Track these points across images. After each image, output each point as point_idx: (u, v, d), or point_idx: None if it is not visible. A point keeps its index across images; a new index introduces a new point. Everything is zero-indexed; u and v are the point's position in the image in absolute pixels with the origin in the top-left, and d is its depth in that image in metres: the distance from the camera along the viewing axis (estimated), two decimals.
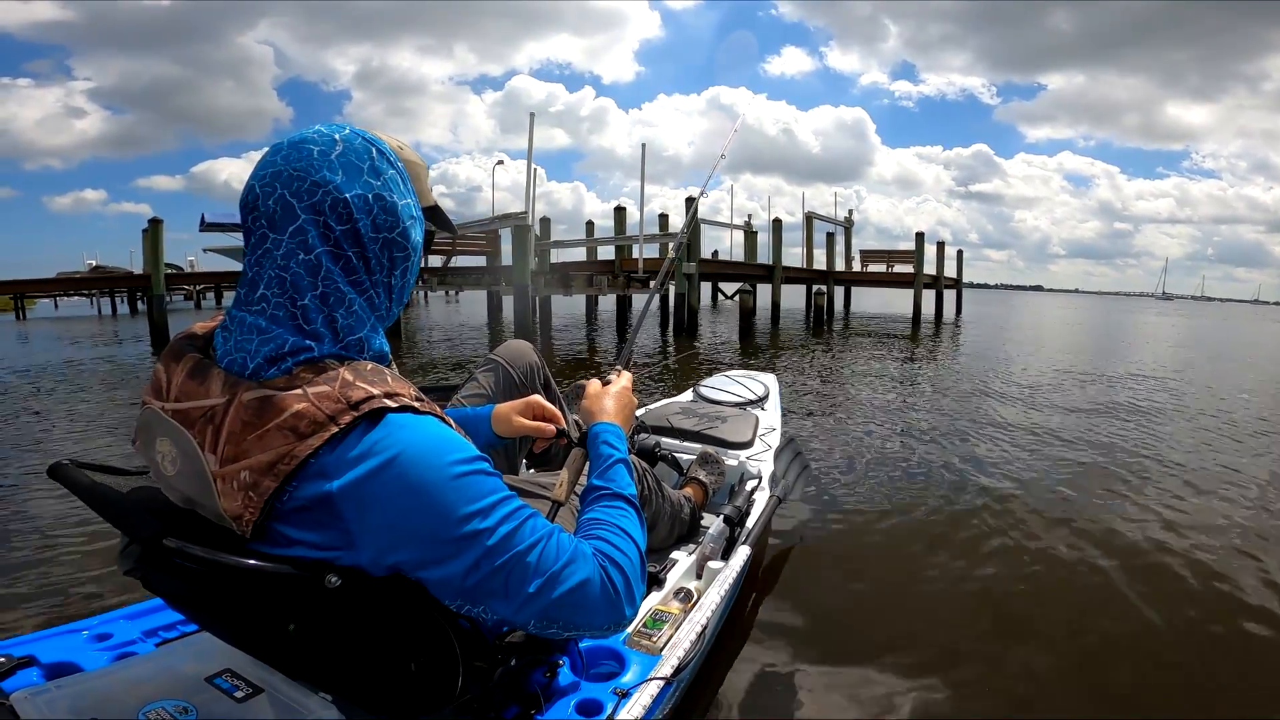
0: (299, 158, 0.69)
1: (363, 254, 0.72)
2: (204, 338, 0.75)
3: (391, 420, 0.66)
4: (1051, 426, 4.59)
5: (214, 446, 0.65)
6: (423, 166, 0.81)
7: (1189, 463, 3.76)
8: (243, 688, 0.86)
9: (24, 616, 1.85)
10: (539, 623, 0.70)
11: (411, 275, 0.78)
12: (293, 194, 0.69)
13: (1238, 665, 1.79)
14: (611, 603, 0.73)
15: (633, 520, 0.83)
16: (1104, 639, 1.89)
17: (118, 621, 1.11)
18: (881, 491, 3.09)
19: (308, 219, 0.69)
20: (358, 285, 0.72)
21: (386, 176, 0.73)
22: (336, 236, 0.70)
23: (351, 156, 0.71)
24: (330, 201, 0.69)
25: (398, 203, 0.74)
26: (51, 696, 0.82)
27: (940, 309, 17.46)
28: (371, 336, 0.73)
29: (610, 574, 0.74)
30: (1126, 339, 14.35)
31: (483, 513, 0.66)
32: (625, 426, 1.01)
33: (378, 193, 0.72)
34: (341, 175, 0.70)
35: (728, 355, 8.75)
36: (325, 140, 0.71)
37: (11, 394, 6.01)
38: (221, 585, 0.68)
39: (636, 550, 0.79)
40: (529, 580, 0.68)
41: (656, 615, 1.29)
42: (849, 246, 20.24)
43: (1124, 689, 1.68)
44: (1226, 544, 2.55)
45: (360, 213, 0.70)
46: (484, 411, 1.17)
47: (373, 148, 0.73)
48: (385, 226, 0.73)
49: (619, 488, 0.87)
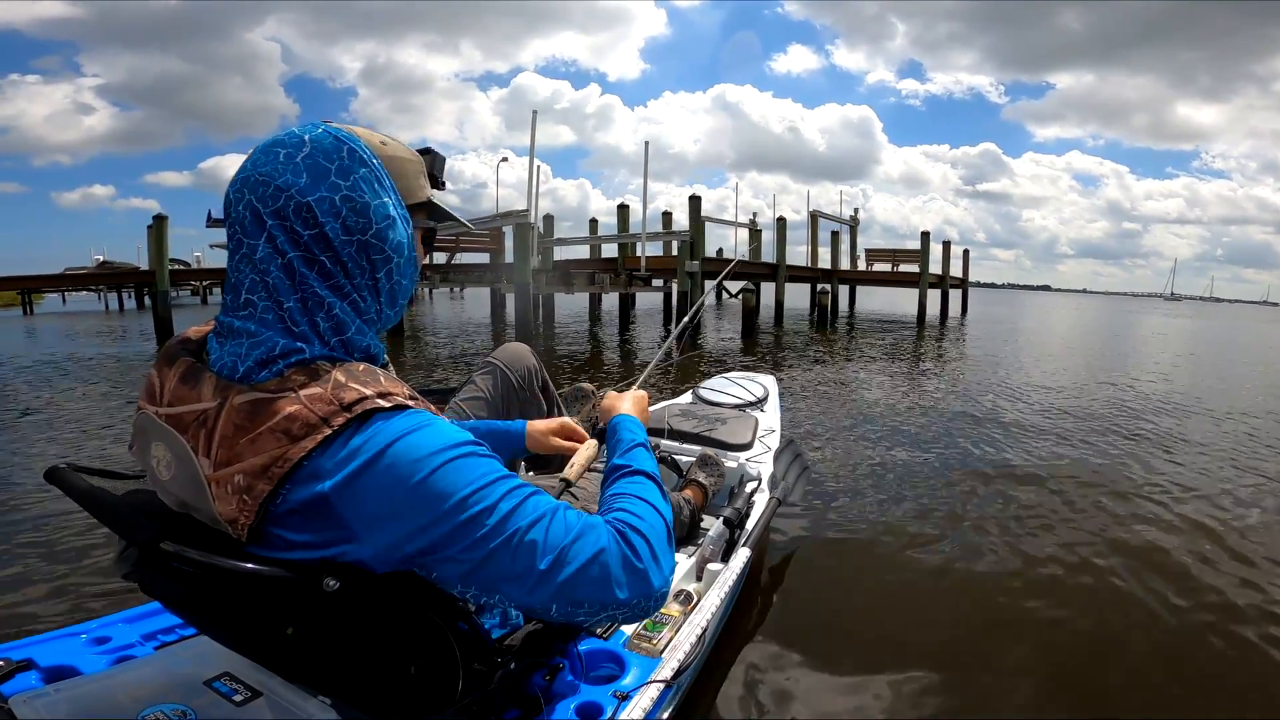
0: (265, 162, 0.69)
1: (337, 258, 0.70)
2: (198, 342, 0.75)
3: (382, 418, 0.66)
4: (1054, 430, 4.57)
5: (207, 450, 0.65)
6: (412, 161, 0.79)
7: (1202, 469, 3.73)
8: (241, 691, 0.86)
9: (23, 620, 1.86)
10: (561, 606, 0.66)
11: (403, 275, 0.76)
12: (259, 200, 0.68)
13: (1237, 666, 1.78)
14: (635, 571, 0.68)
15: (654, 491, 0.81)
16: (1105, 643, 1.89)
17: (116, 625, 1.11)
18: (882, 493, 3.08)
19: (274, 225, 0.68)
20: (337, 289, 0.71)
21: (356, 176, 0.71)
22: (305, 241, 0.69)
23: (319, 158, 0.69)
24: (294, 206, 0.68)
25: (370, 203, 0.71)
26: (50, 700, 0.83)
27: (945, 309, 17.38)
28: (358, 337, 0.72)
29: (630, 540, 0.70)
30: (1134, 343, 14.08)
31: (481, 492, 0.65)
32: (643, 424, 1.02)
33: (345, 194, 0.69)
34: (306, 178, 0.68)
35: (730, 355, 8.74)
36: (293, 143, 0.70)
37: (10, 392, 6.03)
38: (219, 589, 0.68)
39: (660, 517, 0.76)
40: (539, 558, 0.65)
41: (656, 618, 1.29)
42: (854, 245, 20.20)
43: (1125, 691, 1.67)
44: (1231, 548, 2.55)
45: (327, 216, 0.69)
46: (517, 427, 1.17)
47: (344, 147, 0.71)
48: (357, 229, 0.70)
49: (639, 465, 0.86)
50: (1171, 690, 1.69)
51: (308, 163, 0.69)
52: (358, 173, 0.71)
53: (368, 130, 0.75)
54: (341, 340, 0.71)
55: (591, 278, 11.91)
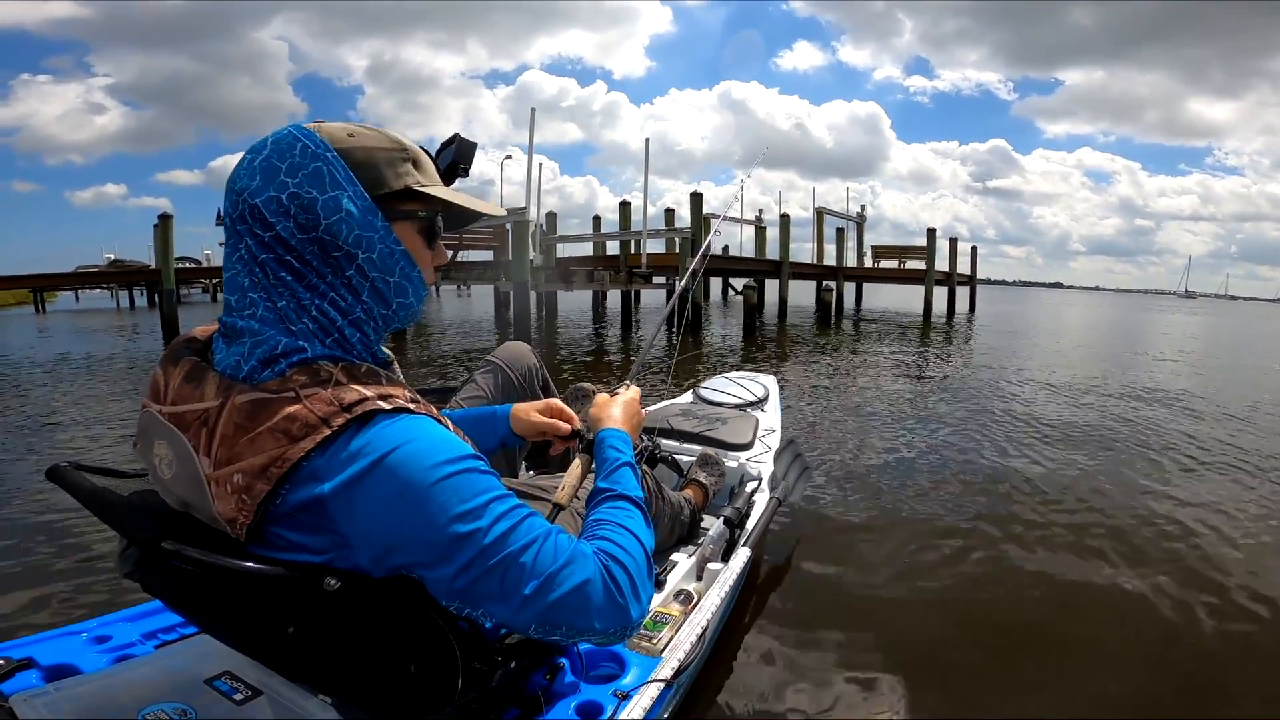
0: (237, 168, 0.70)
1: (300, 257, 0.69)
2: (203, 342, 0.75)
3: (383, 421, 0.66)
4: (1058, 433, 4.51)
5: (208, 449, 0.65)
6: (384, 149, 0.73)
7: (1213, 476, 3.64)
8: (242, 690, 0.86)
9: (23, 618, 1.86)
10: (539, 627, 0.68)
11: (384, 271, 0.72)
12: (229, 205, 0.70)
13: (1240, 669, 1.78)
14: (615, 604, 0.70)
15: (638, 520, 0.81)
16: (1104, 647, 1.88)
17: (117, 624, 1.11)
18: (882, 493, 3.07)
19: (243, 229, 0.69)
20: (313, 289, 0.70)
21: (306, 172, 0.68)
22: (268, 243, 0.69)
23: (273, 158, 0.68)
24: (248, 210, 0.68)
25: (318, 198, 0.68)
26: (51, 698, 0.83)
27: (952, 306, 17.27)
28: (355, 337, 0.72)
29: (613, 573, 0.71)
30: (1148, 343, 13.58)
31: (476, 512, 0.65)
32: (632, 435, 1.00)
33: (292, 192, 0.67)
34: (258, 180, 0.68)
35: (729, 355, 8.70)
36: (259, 146, 0.70)
37: (10, 391, 6.06)
38: (220, 588, 0.68)
39: (642, 549, 0.77)
40: (525, 582, 0.66)
41: (656, 617, 1.29)
42: (861, 242, 20.13)
43: (1125, 695, 1.66)
44: (1236, 553, 2.54)
45: (276, 216, 0.68)
46: (502, 410, 1.15)
47: (298, 144, 0.69)
48: (309, 225, 0.68)
49: (624, 489, 0.85)
50: (1187, 692, 1.68)
51: (263, 165, 0.69)
52: (307, 169, 0.68)
53: (337, 124, 0.72)
54: (338, 340, 0.71)
55: (590, 275, 11.90)
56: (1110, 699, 1.63)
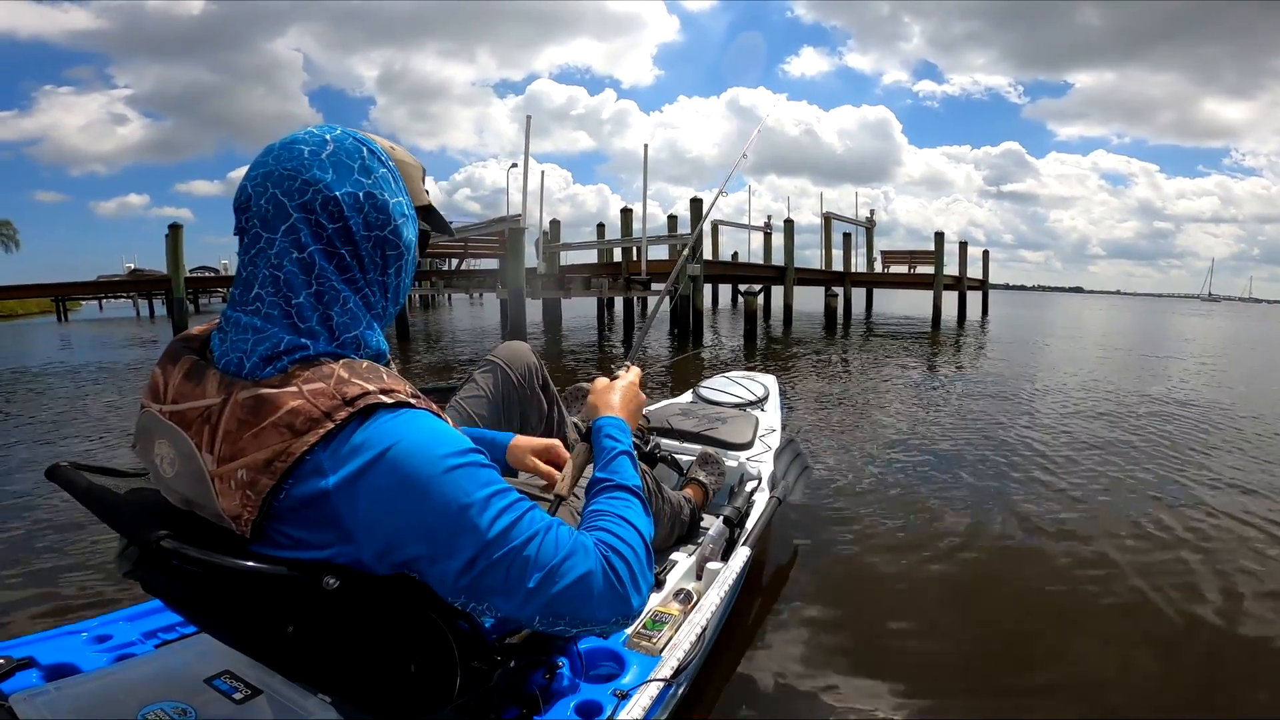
0: (290, 158, 0.70)
1: (356, 252, 0.72)
2: (201, 339, 0.75)
3: (385, 415, 0.66)
4: (1063, 438, 4.44)
5: (211, 446, 0.66)
6: (416, 167, 0.81)
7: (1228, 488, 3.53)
8: (242, 689, 0.86)
9: (23, 618, 1.87)
10: (544, 619, 0.68)
11: (406, 274, 0.79)
12: (284, 193, 0.69)
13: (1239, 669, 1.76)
14: (617, 594, 0.71)
15: (636, 510, 0.81)
16: (1103, 651, 1.86)
17: (117, 623, 1.12)
18: (882, 493, 3.06)
19: (299, 218, 0.69)
20: (352, 283, 0.72)
21: (377, 175, 0.73)
22: (329, 235, 0.70)
23: (342, 156, 0.72)
24: (321, 200, 0.70)
25: (389, 200, 0.74)
26: (51, 698, 0.83)
27: (963, 311, 17.09)
28: (367, 334, 0.73)
29: (614, 564, 0.72)
30: (1169, 350, 12.85)
31: (478, 505, 0.65)
32: (631, 422, 1.00)
33: (369, 190, 0.72)
34: (332, 174, 0.70)
35: (731, 366, 8.66)
36: (316, 141, 0.72)
37: (10, 393, 6.10)
38: (220, 587, 0.68)
39: (641, 539, 0.78)
40: (529, 575, 0.66)
41: (656, 616, 1.28)
42: (870, 247, 19.99)
43: (1130, 699, 1.65)
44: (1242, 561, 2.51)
45: (351, 210, 0.71)
46: (502, 438, 1.17)
47: (363, 147, 0.74)
48: (377, 224, 0.73)
49: (622, 479, 0.86)
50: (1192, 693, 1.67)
51: (333, 159, 0.71)
52: (378, 172, 0.74)
53: (374, 135, 0.78)
54: (349, 336, 0.72)
55: (587, 281, 11.92)
56: (1115, 702, 1.61)
